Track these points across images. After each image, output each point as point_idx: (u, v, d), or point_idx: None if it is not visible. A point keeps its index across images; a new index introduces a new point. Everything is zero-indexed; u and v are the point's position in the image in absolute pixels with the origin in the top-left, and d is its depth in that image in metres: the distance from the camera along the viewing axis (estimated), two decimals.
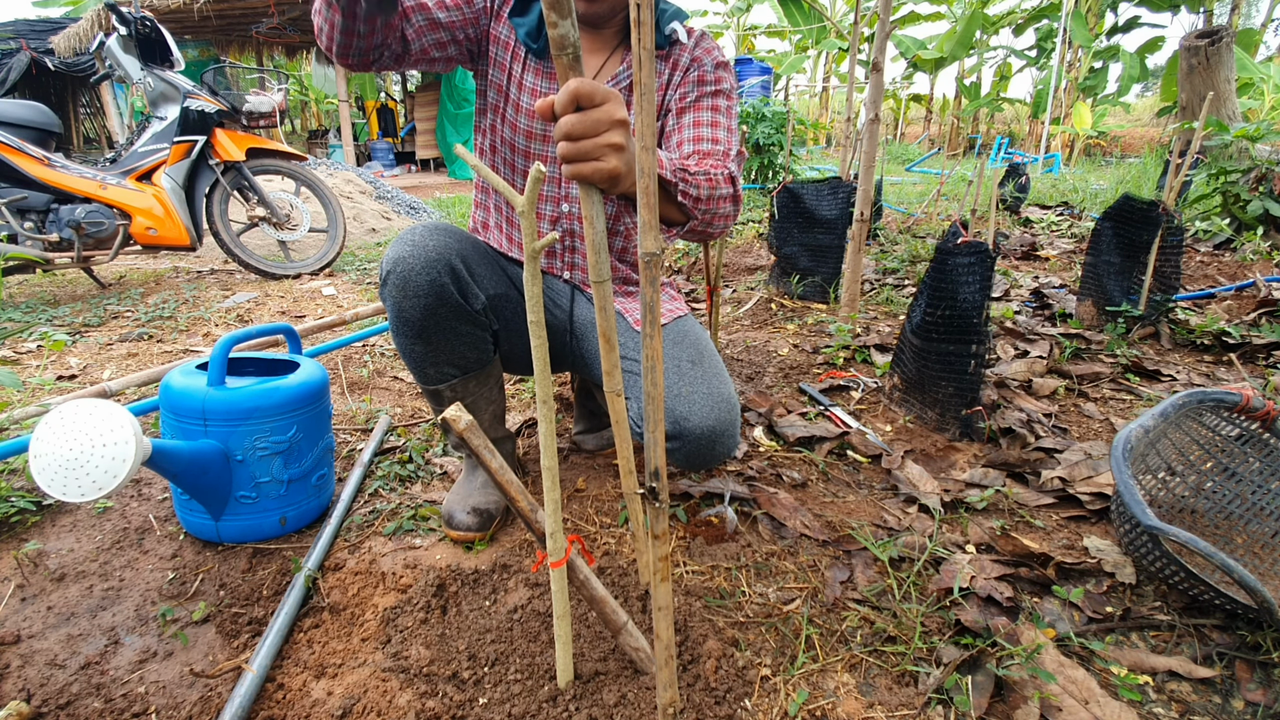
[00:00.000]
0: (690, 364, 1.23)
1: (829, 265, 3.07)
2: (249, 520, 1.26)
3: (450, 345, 1.19)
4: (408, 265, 1.11)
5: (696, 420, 1.15)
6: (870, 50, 2.52)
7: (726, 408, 1.18)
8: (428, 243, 1.13)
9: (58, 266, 3.11)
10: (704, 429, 1.15)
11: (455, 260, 1.15)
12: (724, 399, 1.19)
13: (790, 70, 15.16)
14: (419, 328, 1.16)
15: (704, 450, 1.18)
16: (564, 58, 0.61)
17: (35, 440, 0.94)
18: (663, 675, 0.74)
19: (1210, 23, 11.60)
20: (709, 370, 1.23)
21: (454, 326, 1.18)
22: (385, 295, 1.16)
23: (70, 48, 8.61)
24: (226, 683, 0.96)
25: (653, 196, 0.56)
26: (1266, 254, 3.60)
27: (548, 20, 0.58)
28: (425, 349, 1.19)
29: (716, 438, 1.17)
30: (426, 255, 1.12)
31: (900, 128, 17.27)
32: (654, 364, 0.62)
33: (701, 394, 1.17)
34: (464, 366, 1.24)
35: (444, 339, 1.18)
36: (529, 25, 1.21)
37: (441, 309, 1.14)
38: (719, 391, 1.19)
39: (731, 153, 1.19)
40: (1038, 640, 1.01)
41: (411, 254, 1.12)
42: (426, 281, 1.12)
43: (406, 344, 1.19)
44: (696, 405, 1.16)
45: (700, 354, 1.25)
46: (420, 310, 1.13)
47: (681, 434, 1.16)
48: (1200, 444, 1.31)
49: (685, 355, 1.24)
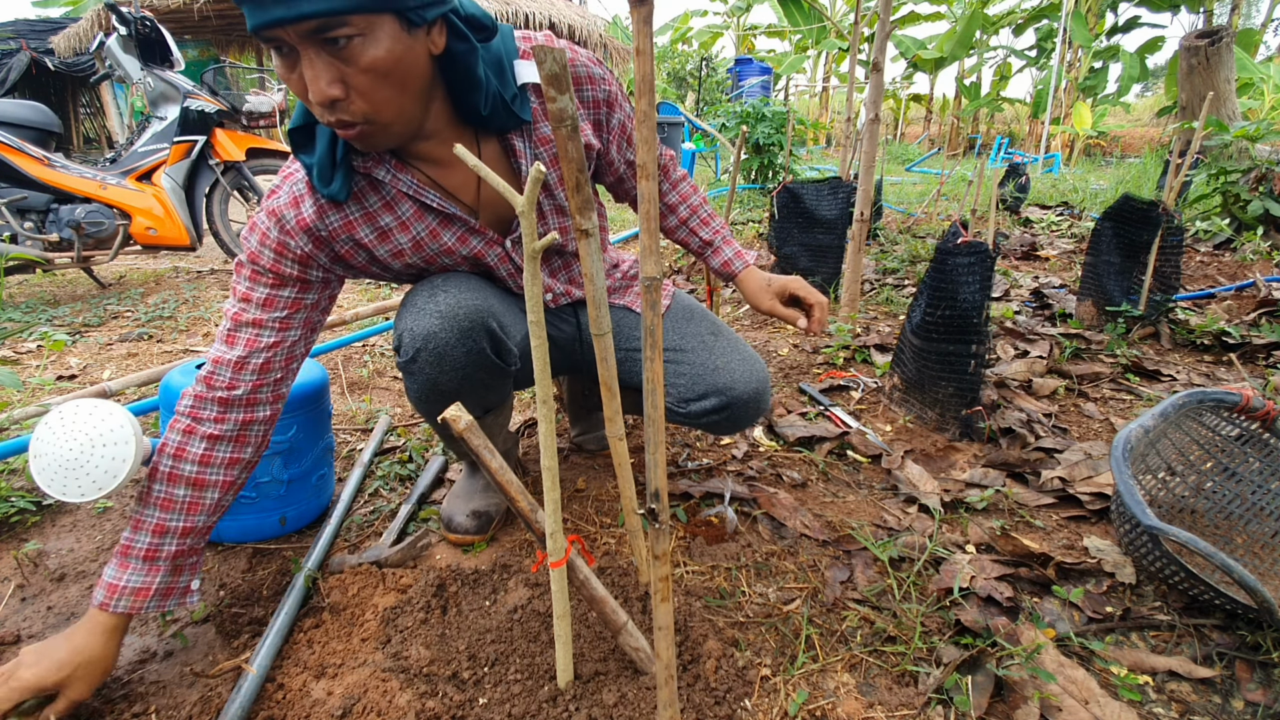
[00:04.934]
0: (713, 335, 1.25)
1: (829, 265, 3.07)
2: (249, 520, 1.26)
3: (477, 396, 1.13)
4: (441, 341, 1.00)
5: (741, 387, 1.18)
6: (870, 50, 2.52)
7: (760, 367, 1.22)
8: (458, 310, 1.01)
9: (58, 266, 3.11)
10: (750, 392, 1.19)
11: (490, 321, 1.04)
12: (755, 360, 1.23)
13: (790, 70, 15.16)
14: (454, 395, 1.07)
15: (751, 412, 1.22)
16: (563, 129, 0.61)
17: (35, 440, 0.94)
18: (663, 694, 0.75)
19: (1210, 23, 11.59)
20: (730, 339, 1.27)
21: (486, 382, 1.10)
22: (415, 371, 1.04)
23: (70, 48, 8.61)
24: (226, 683, 0.96)
25: (653, 221, 0.56)
26: (1266, 254, 3.60)
27: (547, 96, 0.58)
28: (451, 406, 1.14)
29: (760, 397, 1.21)
30: (460, 326, 1.01)
31: (900, 128, 17.26)
32: (654, 387, 0.62)
33: (737, 361, 1.21)
34: (485, 407, 1.20)
35: (473, 394, 1.11)
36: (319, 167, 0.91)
37: (479, 373, 1.07)
38: (749, 354, 1.24)
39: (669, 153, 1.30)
40: (1038, 640, 1.01)
41: (443, 328, 1.00)
42: (464, 353, 1.02)
43: (431, 409, 1.11)
44: (738, 373, 1.19)
45: (716, 326, 1.29)
46: (458, 381, 1.05)
47: (730, 402, 1.18)
48: (1200, 444, 1.31)
49: (704, 329, 1.27)
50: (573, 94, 0.59)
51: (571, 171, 0.64)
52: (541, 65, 0.56)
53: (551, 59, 0.56)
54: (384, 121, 0.84)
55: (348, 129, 0.83)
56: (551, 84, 0.57)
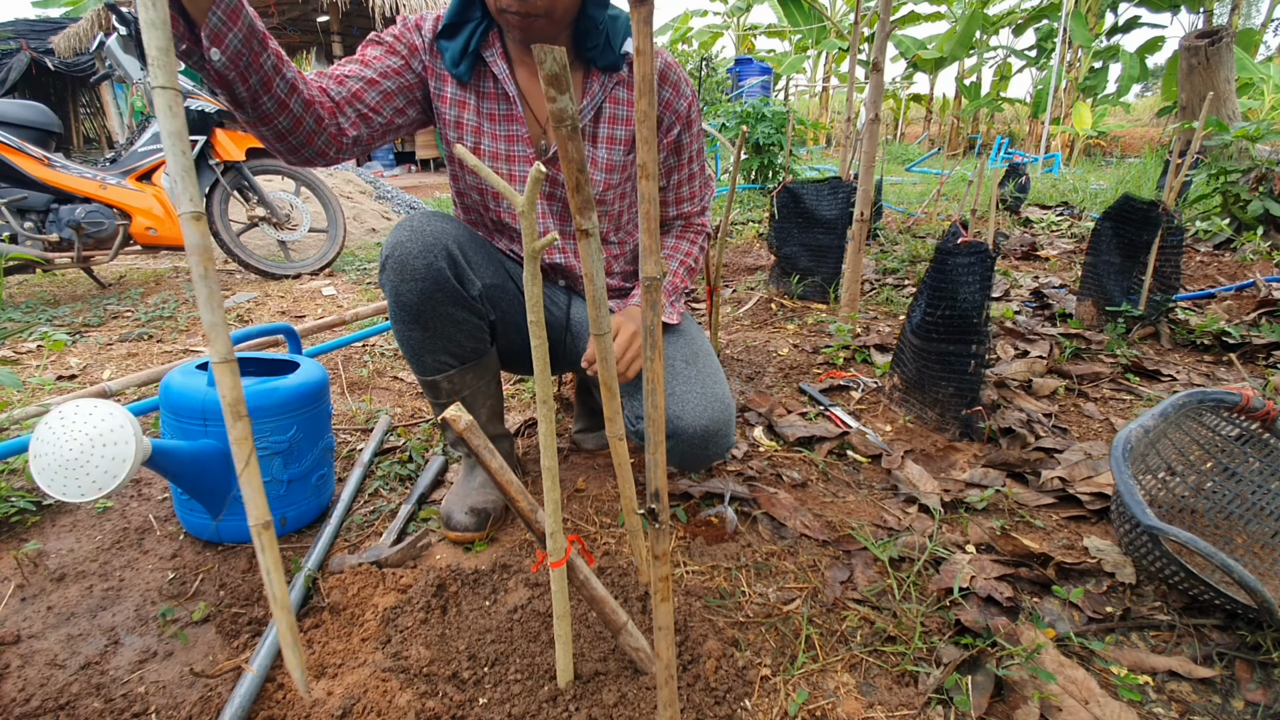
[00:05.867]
0: (684, 363, 1.23)
1: (829, 265, 3.07)
2: (249, 520, 1.25)
3: (447, 332, 1.19)
4: (405, 250, 1.12)
5: (690, 420, 1.16)
6: (870, 50, 2.52)
7: (721, 407, 1.19)
8: (425, 229, 1.14)
9: (58, 266, 3.11)
10: (698, 428, 1.16)
11: (452, 246, 1.15)
12: (718, 398, 1.19)
13: (790, 70, 15.16)
14: (416, 312, 1.15)
15: (698, 450, 1.19)
16: (563, 129, 0.61)
17: (35, 440, 0.94)
18: (663, 694, 0.74)
19: (1210, 23, 11.60)
20: (703, 369, 1.23)
21: (450, 312, 1.18)
22: (384, 281, 1.16)
23: (70, 48, 8.62)
24: (226, 683, 0.96)
25: (654, 222, 0.56)
26: (1266, 254, 3.60)
27: (546, 95, 0.58)
28: (423, 335, 1.18)
29: (710, 437, 1.18)
30: (424, 240, 1.12)
31: (900, 128, 17.27)
32: (655, 386, 0.62)
33: (695, 393, 1.18)
34: (461, 356, 1.24)
35: (441, 325, 1.18)
36: (453, 50, 1.17)
37: (438, 294, 1.14)
38: (713, 391, 1.20)
39: (708, 199, 1.39)
40: (1038, 640, 1.01)
41: (409, 239, 1.12)
42: (424, 265, 1.12)
43: (404, 330, 1.19)
44: (690, 404, 1.17)
45: (695, 353, 1.26)
46: (417, 294, 1.13)
47: (675, 433, 1.16)
48: (1200, 444, 1.31)
49: (679, 354, 1.24)
50: (573, 94, 0.59)
51: (571, 171, 0.64)
52: (541, 65, 0.56)
53: (551, 59, 0.56)
54: (555, 17, 1.07)
55: (527, 18, 1.05)
56: (551, 84, 0.57)
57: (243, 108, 0.96)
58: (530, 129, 1.23)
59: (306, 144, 1.06)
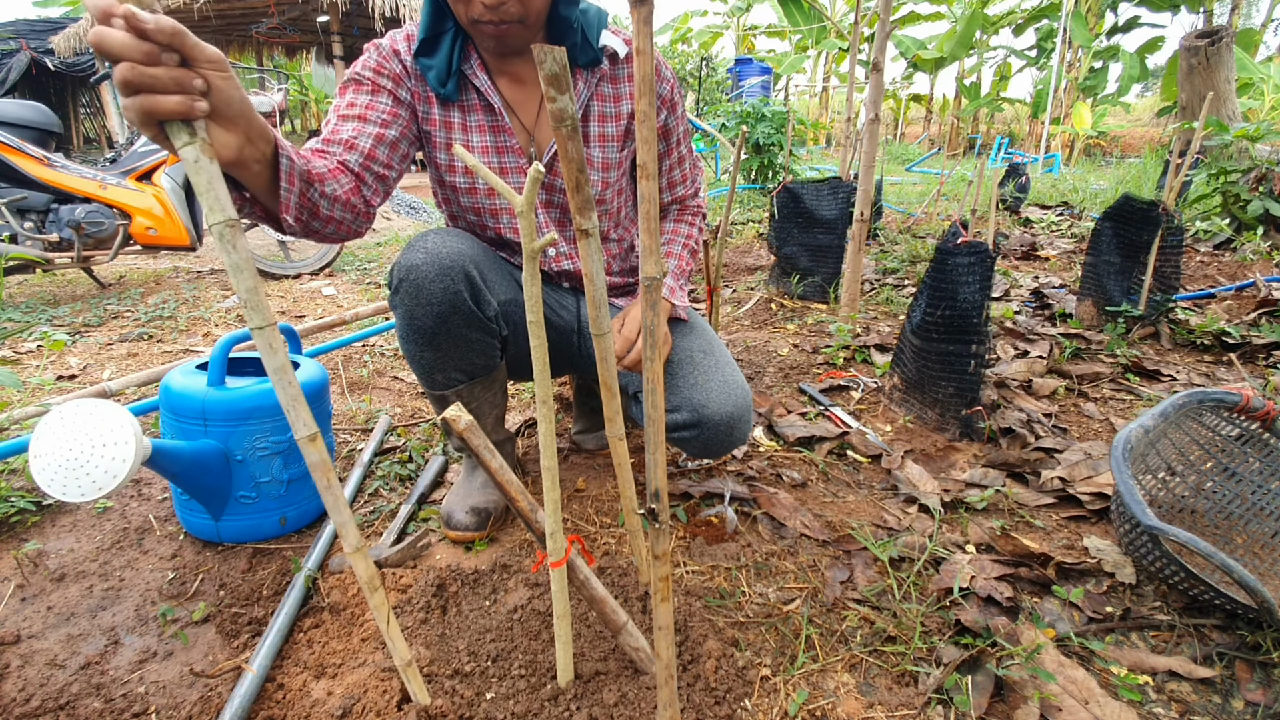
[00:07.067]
0: (702, 354, 1.25)
1: (829, 265, 3.07)
2: (249, 520, 1.26)
3: (460, 352, 1.18)
4: (421, 274, 1.09)
5: (715, 408, 1.17)
6: (870, 50, 2.52)
7: (742, 394, 1.21)
8: (441, 250, 1.11)
9: (58, 266, 3.11)
10: (722, 416, 1.18)
11: (470, 267, 1.12)
12: (739, 385, 1.22)
13: (790, 70, 15.16)
14: (430, 335, 1.14)
15: (722, 437, 1.20)
16: (563, 129, 0.61)
17: (35, 440, 0.94)
18: (663, 694, 0.75)
19: (1210, 23, 11.59)
20: (720, 359, 1.26)
21: (465, 334, 1.16)
22: (397, 303, 1.13)
23: (70, 48, 8.62)
24: (226, 683, 0.96)
25: (654, 222, 0.56)
26: (1266, 254, 3.60)
27: (546, 95, 0.58)
28: (435, 356, 1.17)
29: (734, 424, 1.20)
30: (440, 263, 1.10)
31: (900, 128, 17.27)
32: (655, 386, 0.62)
33: (718, 382, 1.20)
34: (471, 373, 1.22)
35: (454, 346, 1.17)
36: (438, 69, 1.13)
37: (455, 317, 1.12)
38: (733, 379, 1.22)
39: (700, 179, 1.38)
40: (1038, 640, 1.01)
41: (425, 262, 1.09)
42: (440, 289, 1.10)
43: (416, 351, 1.17)
44: (714, 393, 1.18)
45: (710, 343, 1.28)
46: (434, 318, 1.11)
47: (700, 421, 1.18)
48: (1200, 444, 1.31)
49: (697, 345, 1.26)
50: (572, 95, 0.59)
51: (571, 171, 0.64)
52: (541, 65, 0.56)
53: (551, 59, 0.56)
54: (529, 23, 1.06)
55: (500, 26, 1.04)
56: (551, 84, 0.57)
57: (293, 233, 0.97)
58: (519, 138, 1.21)
59: (348, 236, 1.05)
